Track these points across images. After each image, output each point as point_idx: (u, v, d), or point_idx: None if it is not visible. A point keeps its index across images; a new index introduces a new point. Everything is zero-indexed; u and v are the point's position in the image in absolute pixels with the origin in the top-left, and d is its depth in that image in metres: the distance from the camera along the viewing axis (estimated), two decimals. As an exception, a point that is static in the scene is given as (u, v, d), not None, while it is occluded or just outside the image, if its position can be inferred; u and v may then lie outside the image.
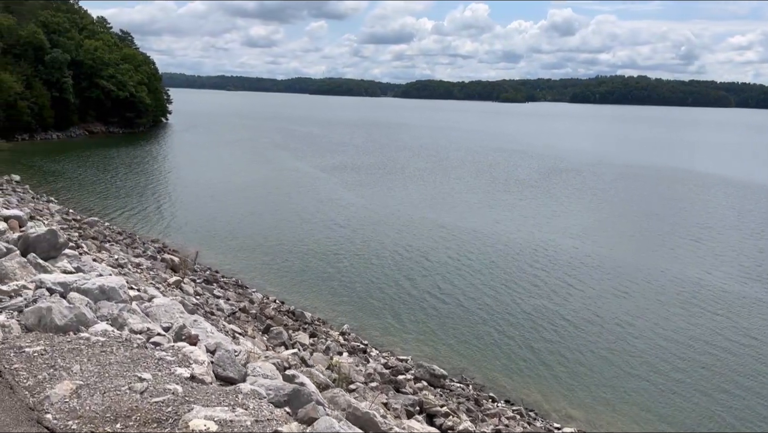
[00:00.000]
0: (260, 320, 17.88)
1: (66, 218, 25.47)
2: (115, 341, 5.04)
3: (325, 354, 13.42)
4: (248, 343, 9.39)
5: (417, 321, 21.69)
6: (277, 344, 11.84)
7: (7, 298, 6.00)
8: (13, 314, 5.68)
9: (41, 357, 4.48)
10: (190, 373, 4.49)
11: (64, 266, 7.82)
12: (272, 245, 30.64)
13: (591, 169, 65.08)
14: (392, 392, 12.09)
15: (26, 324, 5.39)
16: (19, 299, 5.97)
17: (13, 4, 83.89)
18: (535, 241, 32.84)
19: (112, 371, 4.34)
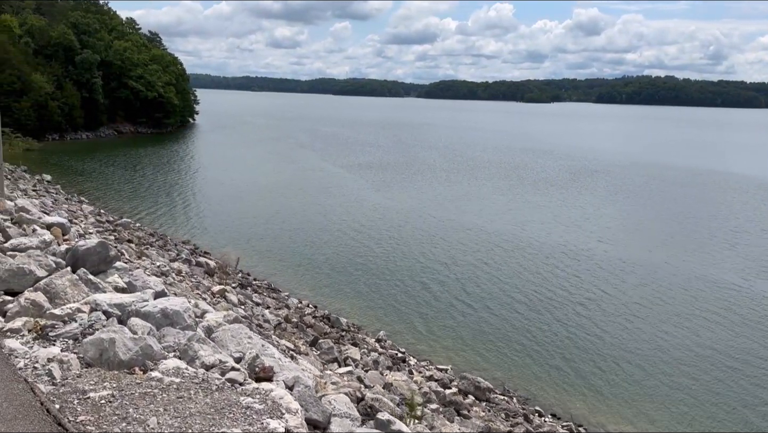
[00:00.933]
0: (301, 329, 17.21)
1: (99, 220, 25.08)
2: (191, 382, 4.31)
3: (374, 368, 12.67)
4: (305, 362, 8.68)
5: (449, 327, 21.01)
6: (329, 360, 11.13)
7: (61, 324, 5.32)
8: (69, 344, 5.00)
9: (110, 405, 3.77)
10: (284, 427, 3.75)
11: (115, 281, 7.16)
12: (299, 246, 30.10)
13: (621, 171, 63.58)
14: (458, 418, 11.28)
15: (85, 358, 4.70)
16: (74, 325, 5.29)
17: (44, 6, 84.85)
18: (565, 244, 31.89)
19: (196, 426, 3.60)
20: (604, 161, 71.82)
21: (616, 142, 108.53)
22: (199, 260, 23.03)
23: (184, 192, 44.47)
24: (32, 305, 5.49)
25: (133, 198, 40.92)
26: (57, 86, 70.99)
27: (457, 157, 72.37)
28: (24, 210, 10.15)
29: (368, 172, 56.22)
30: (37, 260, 6.49)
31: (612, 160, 72.97)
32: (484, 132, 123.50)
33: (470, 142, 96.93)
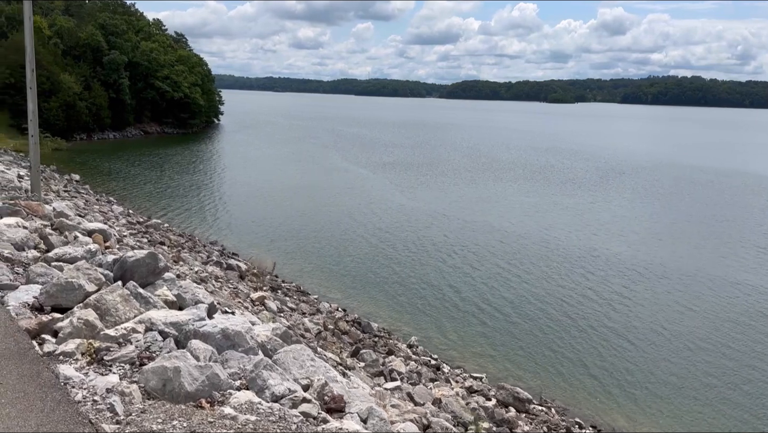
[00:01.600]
0: (338, 336, 16.78)
1: (131, 221, 24.91)
2: (268, 420, 3.85)
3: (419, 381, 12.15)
4: (357, 379, 8.20)
5: (479, 332, 20.49)
6: (375, 373, 10.66)
7: (116, 346, 4.91)
8: (126, 370, 4.57)
9: (184, 451, 3.31)
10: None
11: (164, 294, 6.75)
12: (324, 247, 29.73)
13: (649, 172, 62.26)
14: (515, 438, 10.71)
15: (147, 388, 4.27)
16: (130, 348, 4.87)
17: (73, 7, 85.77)
18: (594, 247, 31.12)
19: (284, 479, 3.13)
20: (631, 162, 70.48)
21: (643, 143, 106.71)
22: (230, 263, 22.72)
23: (209, 192, 44.41)
24: (85, 325, 5.09)
25: (159, 198, 40.92)
26: (85, 87, 71.57)
27: (482, 158, 71.55)
28: (63, 215, 9.84)
29: (392, 173, 55.72)
30: (86, 273, 6.10)
31: (640, 162, 71.58)
32: (508, 132, 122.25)
33: (494, 142, 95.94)
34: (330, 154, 70.43)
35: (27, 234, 8.18)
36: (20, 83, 64.90)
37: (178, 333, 5.26)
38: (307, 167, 58.51)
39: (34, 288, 6.18)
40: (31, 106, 12.17)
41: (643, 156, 79.16)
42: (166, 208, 37.10)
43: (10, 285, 6.28)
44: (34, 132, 12.40)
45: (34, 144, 12.36)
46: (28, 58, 11.76)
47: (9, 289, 6.22)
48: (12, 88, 64.74)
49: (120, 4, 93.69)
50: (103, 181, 44.14)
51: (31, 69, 11.89)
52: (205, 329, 5.19)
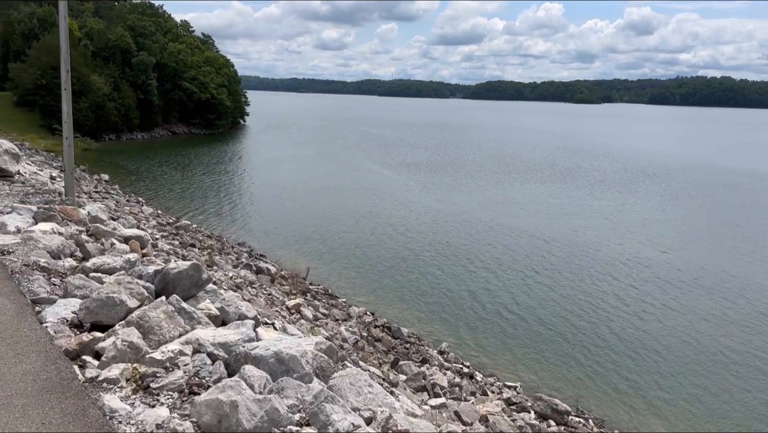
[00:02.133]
0: (371, 343, 16.35)
1: (161, 222, 24.77)
2: (339, 467, 3.39)
3: (460, 395, 11.63)
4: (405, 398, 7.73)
5: (510, 339, 19.92)
6: (418, 388, 10.18)
7: (162, 371, 4.50)
8: (175, 400, 4.15)
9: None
10: None
11: (207, 308, 6.35)
12: (349, 248, 29.30)
13: (680, 174, 60.80)
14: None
15: (200, 423, 3.84)
16: (178, 374, 4.45)
17: (103, 9, 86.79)
18: (624, 251, 30.21)
19: None
20: (661, 164, 68.95)
21: (673, 144, 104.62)
22: (260, 266, 22.41)
23: (235, 192, 44.34)
24: (129, 347, 4.69)
25: (186, 198, 40.95)
26: (114, 87, 72.29)
27: (507, 159, 70.60)
28: (98, 220, 9.54)
29: (417, 174, 55.15)
30: (128, 287, 5.72)
31: (670, 163, 70.02)
32: (533, 133, 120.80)
33: (520, 143, 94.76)
34: (354, 155, 70.13)
35: (63, 241, 7.87)
36: (51, 84, 65.90)
37: (227, 355, 4.85)
38: (331, 168, 58.27)
39: (72, 302, 5.83)
40: (65, 107, 11.91)
41: (673, 158, 77.50)
42: (193, 209, 37.06)
43: (47, 299, 5.94)
44: (68, 134, 12.13)
45: (68, 146, 12.09)
46: (63, 59, 11.52)
47: (47, 303, 5.88)
48: (43, 89, 65.71)
49: (148, 5, 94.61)
50: (131, 182, 44.34)
51: (66, 70, 11.63)
52: (257, 352, 4.76)
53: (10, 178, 12.72)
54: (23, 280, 6.34)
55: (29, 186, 12.35)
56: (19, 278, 6.38)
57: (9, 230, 8.74)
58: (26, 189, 11.87)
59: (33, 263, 6.89)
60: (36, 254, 7.24)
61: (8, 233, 8.59)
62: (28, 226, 8.97)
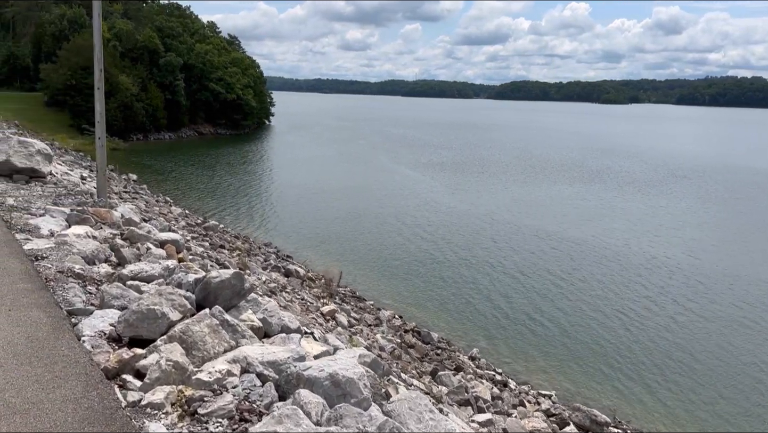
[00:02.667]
0: (404, 349, 15.91)
1: (189, 222, 24.61)
2: None
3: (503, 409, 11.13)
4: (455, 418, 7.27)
5: (539, 344, 19.32)
6: (461, 402, 9.72)
7: (210, 394, 4.10)
8: (225, 428, 3.74)
9: None
10: None
11: (249, 319, 5.96)
12: (373, 249, 28.85)
13: (713, 176, 59.29)
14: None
15: (257, 458, 3.43)
16: (227, 398, 4.04)
17: (131, 11, 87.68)
18: (658, 255, 29.31)
19: None
20: (693, 165, 67.37)
21: (704, 145, 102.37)
22: (288, 268, 22.08)
23: (260, 192, 44.21)
24: (174, 368, 4.30)
25: (212, 198, 40.94)
26: (142, 88, 72.89)
27: (534, 160, 69.56)
28: (132, 223, 9.25)
29: (441, 175, 54.51)
30: (169, 298, 5.34)
31: (701, 165, 68.40)
32: (560, 134, 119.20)
33: (546, 143, 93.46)
34: (378, 155, 69.76)
35: (97, 246, 7.57)
36: (80, 84, 66.71)
37: (277, 376, 4.44)
38: (355, 168, 57.99)
39: (109, 313, 5.48)
40: (98, 107, 11.67)
41: (705, 159, 75.79)
42: (219, 209, 37.01)
43: (83, 310, 5.60)
44: (101, 134, 11.89)
45: (100, 147, 11.85)
46: (96, 57, 11.27)
47: (83, 314, 5.54)
48: (73, 89, 66.52)
49: (176, 7, 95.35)
50: (158, 181, 44.46)
51: (99, 69, 11.39)
52: (310, 374, 4.34)
53: (43, 178, 12.55)
54: (58, 288, 6.03)
55: (61, 187, 12.16)
56: (53, 286, 6.08)
57: (42, 234, 8.51)
58: (58, 190, 11.68)
59: (67, 270, 6.60)
60: (70, 259, 6.95)
61: (42, 236, 8.36)
62: (61, 229, 8.76)
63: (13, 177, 12.27)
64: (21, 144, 12.33)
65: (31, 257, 7.06)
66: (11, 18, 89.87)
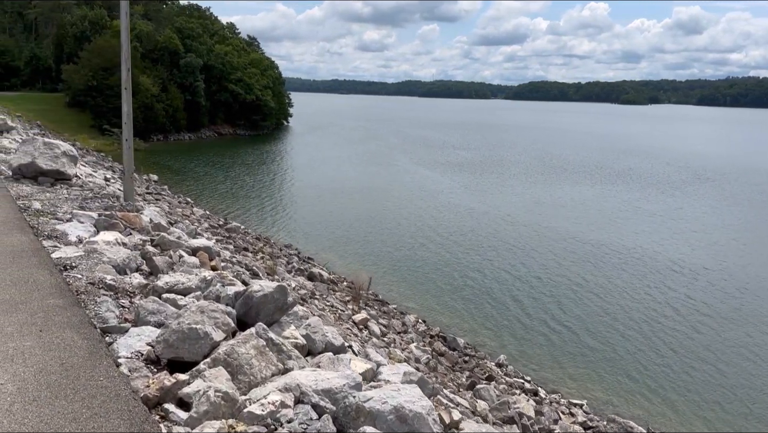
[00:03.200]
0: (435, 357, 15.42)
1: (213, 225, 24.31)
2: None
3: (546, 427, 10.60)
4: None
5: (567, 350, 18.75)
6: (505, 420, 9.20)
7: (264, 429, 3.65)
8: (284, 471, 3.29)
9: None
10: None
11: (293, 336, 5.52)
12: (392, 250, 28.37)
13: (739, 177, 58.14)
14: None
15: None
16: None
17: (151, 12, 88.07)
18: (684, 260, 28.52)
19: None
20: (718, 167, 66.07)
21: (729, 146, 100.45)
22: (312, 271, 21.67)
23: (278, 193, 43.89)
24: (224, 399, 3.85)
25: (231, 198, 40.74)
26: (162, 89, 73.11)
27: (554, 161, 68.59)
28: (161, 228, 8.85)
29: (462, 176, 53.86)
30: (212, 316, 4.89)
31: (727, 166, 67.09)
32: (582, 135, 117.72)
33: (567, 144, 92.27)
34: (397, 156, 69.32)
35: (128, 254, 7.15)
36: (101, 85, 67.10)
37: (334, 407, 3.97)
38: (373, 168, 57.56)
39: (146, 331, 5.05)
40: (125, 108, 11.32)
41: (730, 160, 74.36)
42: (237, 209, 36.81)
43: (118, 327, 5.17)
44: (128, 136, 11.54)
45: (128, 149, 11.50)
46: (123, 57, 10.92)
47: (118, 332, 5.11)
48: (94, 90, 66.92)
49: (196, 8, 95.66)
50: (177, 182, 44.33)
51: (126, 69, 11.04)
52: (372, 406, 3.87)
53: (68, 181, 12.22)
54: (90, 302, 5.61)
55: (87, 190, 11.79)
56: (85, 299, 5.68)
57: (70, 240, 8.17)
58: (84, 193, 11.31)
59: (99, 281, 6.20)
60: (101, 269, 6.55)
61: (70, 243, 8.01)
62: (90, 235, 8.37)
63: (38, 179, 11.92)
64: (46, 146, 12.01)
65: (60, 267, 6.72)
66: (34, 19, 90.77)
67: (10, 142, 16.90)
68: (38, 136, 14.97)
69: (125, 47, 10.82)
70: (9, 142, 16.78)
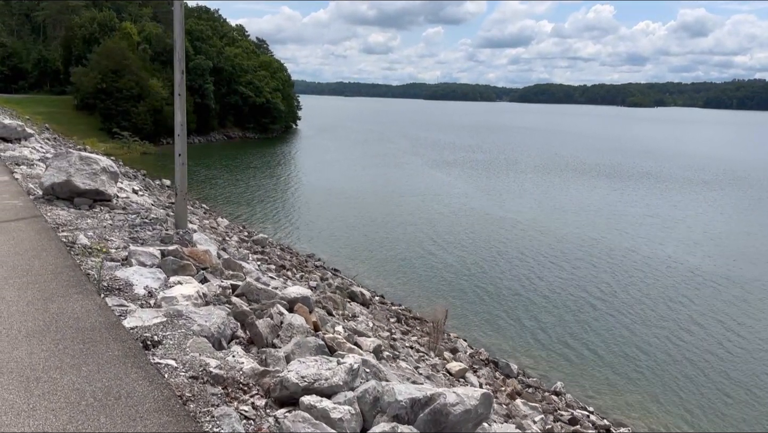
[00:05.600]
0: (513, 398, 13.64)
1: (242, 238, 22.57)
2: None
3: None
4: None
5: (626, 375, 17.02)
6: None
7: None
8: None
9: None
10: None
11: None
12: (415, 259, 26.78)
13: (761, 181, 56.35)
14: None
15: None
16: None
17: (160, 14, 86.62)
18: (720, 267, 27.16)
19: None
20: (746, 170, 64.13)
21: (748, 149, 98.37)
22: (353, 290, 19.91)
23: (293, 198, 42.39)
24: None
25: (245, 204, 39.32)
26: (171, 92, 71.55)
27: (570, 163, 66.85)
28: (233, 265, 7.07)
29: (483, 180, 52.27)
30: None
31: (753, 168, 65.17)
32: (595, 138, 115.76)
33: (581, 147, 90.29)
34: (412, 159, 68.04)
35: (221, 317, 5.29)
36: (111, 88, 65.65)
37: None
38: (390, 172, 56.19)
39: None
40: (179, 117, 9.54)
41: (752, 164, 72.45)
42: (254, 216, 35.34)
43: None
44: (181, 150, 9.71)
45: (181, 165, 9.71)
46: (177, 57, 9.16)
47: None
48: (103, 92, 65.52)
49: (204, 10, 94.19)
50: (191, 187, 42.64)
51: (180, 71, 9.27)
52: None
53: (108, 202, 10.45)
54: (202, 416, 3.80)
55: (132, 213, 10.02)
56: (195, 411, 3.86)
57: (137, 293, 6.29)
58: (129, 218, 9.51)
59: (201, 370, 4.39)
60: (194, 345, 4.74)
61: (138, 298, 6.14)
62: (159, 285, 6.61)
63: (74, 201, 10.17)
64: (83, 161, 10.26)
65: (139, 341, 5.01)
66: (42, 21, 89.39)
67: (31, 152, 15.13)
68: (72, 149, 13.19)
69: (179, 47, 9.04)
70: (30, 152, 15.02)
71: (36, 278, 6.78)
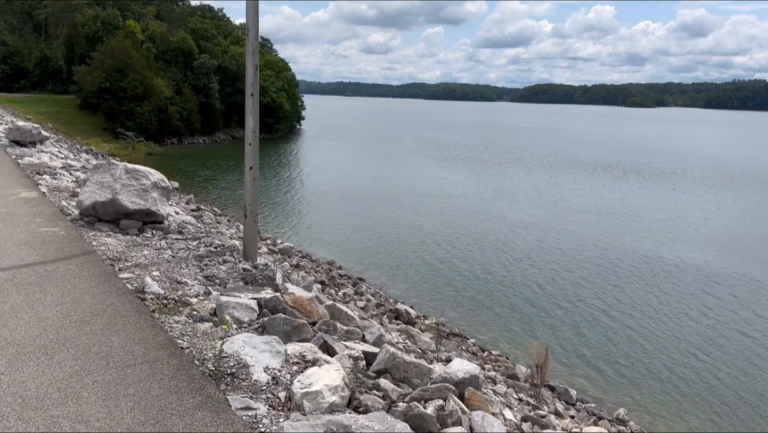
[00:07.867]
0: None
1: (272, 249, 20.99)
2: None
3: None
4: None
5: (682, 393, 15.36)
6: None
7: None
8: None
9: None
10: None
11: None
12: (441, 264, 25.46)
13: None
14: None
15: None
16: None
17: (164, 12, 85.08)
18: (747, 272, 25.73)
19: None
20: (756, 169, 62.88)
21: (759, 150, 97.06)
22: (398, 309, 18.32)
23: (304, 199, 41.03)
24: None
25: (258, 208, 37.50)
26: (176, 91, 70.29)
27: (583, 164, 65.44)
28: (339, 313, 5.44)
29: (496, 181, 50.83)
30: None
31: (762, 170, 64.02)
32: (599, 137, 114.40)
33: (588, 147, 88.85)
34: (417, 159, 66.77)
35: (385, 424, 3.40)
36: (114, 87, 64.05)
37: None
38: (398, 172, 55.02)
39: None
40: (250, 121, 7.90)
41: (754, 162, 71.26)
42: (266, 220, 33.77)
43: None
44: (253, 162, 8.08)
45: (252, 180, 8.06)
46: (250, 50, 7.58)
47: None
48: (107, 92, 64.05)
49: (208, 9, 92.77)
50: (197, 189, 41.26)
51: (253, 66, 7.67)
52: None
53: (160, 224, 8.84)
54: None
55: (191, 238, 8.29)
56: None
57: (258, 381, 4.35)
58: (191, 246, 7.77)
59: None
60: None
61: (259, 390, 4.21)
62: (281, 362, 4.66)
63: (120, 223, 8.55)
64: (130, 175, 8.62)
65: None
66: (44, 19, 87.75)
67: (51, 158, 13.51)
68: (117, 161, 11.44)
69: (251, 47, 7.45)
70: (50, 158, 13.40)
71: (123, 373, 4.39)
